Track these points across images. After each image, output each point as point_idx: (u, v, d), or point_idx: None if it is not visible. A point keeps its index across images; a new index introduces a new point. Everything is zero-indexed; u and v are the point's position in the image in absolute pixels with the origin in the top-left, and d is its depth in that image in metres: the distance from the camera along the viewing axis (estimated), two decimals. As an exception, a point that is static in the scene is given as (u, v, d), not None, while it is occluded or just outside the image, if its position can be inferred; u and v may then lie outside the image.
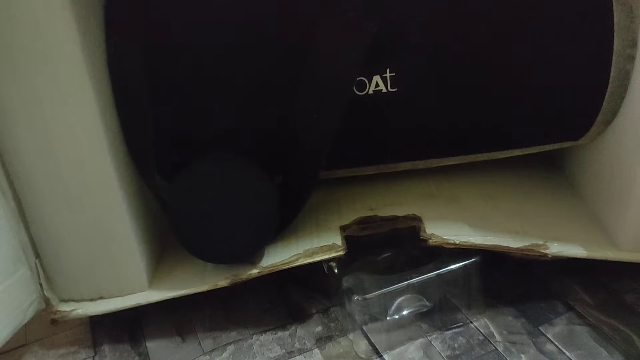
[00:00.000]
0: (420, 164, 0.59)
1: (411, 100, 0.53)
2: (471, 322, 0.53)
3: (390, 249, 0.57)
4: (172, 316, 0.57)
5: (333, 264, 0.53)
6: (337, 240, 0.53)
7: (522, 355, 0.48)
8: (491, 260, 0.52)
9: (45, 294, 0.52)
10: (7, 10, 0.42)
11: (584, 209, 0.58)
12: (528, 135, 0.56)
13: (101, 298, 0.53)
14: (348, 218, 0.57)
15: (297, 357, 0.51)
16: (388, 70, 0.51)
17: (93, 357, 0.53)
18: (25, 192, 0.48)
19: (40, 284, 0.51)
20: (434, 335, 0.51)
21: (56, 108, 0.45)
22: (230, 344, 0.53)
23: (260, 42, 0.51)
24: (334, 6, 0.48)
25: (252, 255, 0.53)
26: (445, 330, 0.52)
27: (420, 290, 0.52)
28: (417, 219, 0.55)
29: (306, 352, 0.51)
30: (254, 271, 0.52)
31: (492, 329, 0.52)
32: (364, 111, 0.53)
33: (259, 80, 0.53)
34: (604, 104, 0.51)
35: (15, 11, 0.42)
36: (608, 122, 0.53)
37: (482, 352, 0.49)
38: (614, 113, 0.52)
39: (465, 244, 0.51)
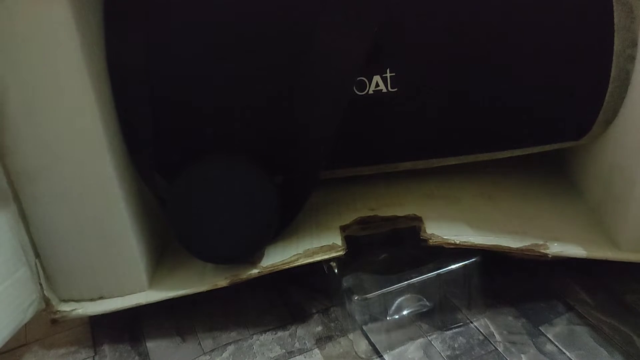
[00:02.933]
0: (420, 164, 0.59)
1: (411, 100, 0.53)
2: (471, 322, 0.53)
3: (390, 249, 0.57)
4: (172, 316, 0.57)
5: (333, 264, 0.53)
6: (337, 240, 0.53)
7: (522, 355, 0.48)
8: (491, 260, 0.52)
9: (45, 294, 0.52)
10: (7, 11, 0.42)
11: (584, 209, 0.58)
12: (528, 135, 0.56)
13: (101, 298, 0.53)
14: (348, 218, 0.57)
15: (297, 357, 0.51)
16: (388, 70, 0.51)
17: (93, 357, 0.53)
18: (25, 192, 0.48)
19: (40, 284, 0.51)
20: (434, 335, 0.51)
21: (56, 108, 0.45)
22: (230, 344, 0.53)
23: (260, 42, 0.51)
24: (334, 6, 0.48)
25: (252, 256, 0.53)
26: (445, 330, 0.52)
27: (420, 290, 0.52)
28: (417, 219, 0.55)
29: (306, 352, 0.51)
30: (254, 271, 0.52)
31: (492, 329, 0.52)
32: (364, 111, 0.53)
33: (258, 80, 0.53)
34: (605, 104, 0.51)
35: (15, 11, 0.42)
36: (608, 122, 0.53)
37: (482, 352, 0.49)
38: (614, 113, 0.52)
39: (465, 244, 0.51)
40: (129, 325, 0.56)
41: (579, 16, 0.49)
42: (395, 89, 0.52)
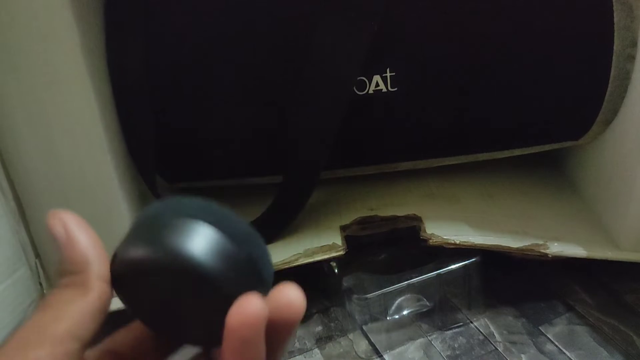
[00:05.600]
0: (421, 164, 0.59)
1: (411, 100, 0.53)
2: (471, 322, 0.53)
3: (390, 249, 0.57)
4: (172, 316, 0.57)
5: (333, 264, 0.53)
6: (337, 240, 0.53)
7: (522, 355, 0.48)
8: (491, 260, 0.52)
9: (45, 293, 0.52)
10: (8, 11, 0.42)
11: (584, 209, 0.58)
12: (528, 135, 0.57)
13: (101, 298, 0.53)
14: (348, 218, 0.57)
15: (297, 357, 0.51)
16: (388, 70, 0.51)
17: (93, 357, 0.53)
18: (25, 192, 0.48)
19: (40, 284, 0.51)
20: (434, 335, 0.51)
21: (56, 108, 0.45)
22: (230, 344, 0.53)
23: (260, 42, 0.51)
24: (333, 6, 0.48)
25: None
26: (445, 330, 0.52)
27: (420, 290, 0.52)
28: (417, 219, 0.55)
29: (306, 352, 0.51)
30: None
31: (492, 329, 0.52)
32: (364, 111, 0.53)
33: (258, 80, 0.53)
34: (604, 103, 0.51)
35: (15, 11, 0.42)
36: (608, 122, 0.53)
37: (482, 352, 0.49)
38: (614, 113, 0.52)
39: (465, 244, 0.51)
40: (129, 325, 0.56)
41: (579, 15, 0.49)
42: (395, 89, 0.52)
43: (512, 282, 0.57)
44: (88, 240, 0.24)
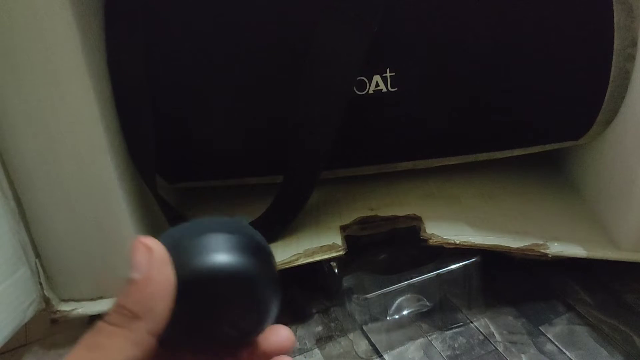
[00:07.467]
0: (420, 164, 0.59)
1: (411, 100, 0.53)
2: (471, 322, 0.53)
3: (390, 249, 0.57)
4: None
5: (333, 264, 0.53)
6: (337, 240, 0.53)
7: (523, 355, 0.48)
8: (491, 260, 0.52)
9: (45, 293, 0.52)
10: (8, 10, 0.42)
11: (584, 209, 0.58)
12: (528, 135, 0.56)
13: (101, 298, 0.53)
14: (348, 218, 0.57)
15: (297, 357, 0.51)
16: (388, 70, 0.51)
17: (93, 357, 0.53)
18: (25, 192, 0.48)
19: (41, 284, 0.51)
20: (434, 335, 0.51)
21: (56, 108, 0.45)
22: (230, 344, 0.53)
23: (259, 42, 0.51)
24: (333, 6, 0.48)
25: None
26: (446, 330, 0.52)
27: (420, 290, 0.52)
28: (417, 219, 0.55)
29: (306, 352, 0.51)
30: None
31: (492, 329, 0.52)
32: (364, 111, 0.53)
33: (258, 79, 0.53)
34: (604, 103, 0.51)
35: (15, 11, 0.42)
36: (608, 121, 0.53)
37: (482, 352, 0.49)
38: (614, 113, 0.52)
39: (465, 244, 0.51)
40: (129, 325, 0.56)
41: (579, 15, 0.49)
42: (395, 89, 0.52)
43: (512, 282, 0.57)
44: (165, 286, 0.20)
